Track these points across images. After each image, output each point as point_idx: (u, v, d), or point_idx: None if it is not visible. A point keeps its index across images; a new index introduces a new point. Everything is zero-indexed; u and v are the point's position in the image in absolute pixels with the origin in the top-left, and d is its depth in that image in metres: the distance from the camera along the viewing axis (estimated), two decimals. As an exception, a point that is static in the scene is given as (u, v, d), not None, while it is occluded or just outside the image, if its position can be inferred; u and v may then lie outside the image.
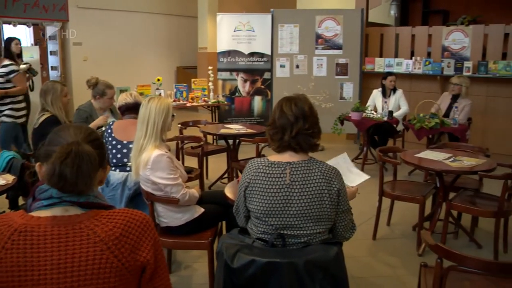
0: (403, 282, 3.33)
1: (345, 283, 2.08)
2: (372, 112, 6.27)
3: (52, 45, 9.87)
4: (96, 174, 1.39)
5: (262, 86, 7.95)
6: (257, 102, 8.01)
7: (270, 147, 2.29)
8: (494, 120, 6.96)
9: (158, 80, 7.24)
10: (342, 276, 2.07)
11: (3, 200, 3.74)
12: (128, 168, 3.42)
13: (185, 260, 3.61)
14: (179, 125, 5.54)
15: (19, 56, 6.63)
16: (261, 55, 7.83)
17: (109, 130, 3.61)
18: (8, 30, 8.88)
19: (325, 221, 2.14)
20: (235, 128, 5.35)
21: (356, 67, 7.81)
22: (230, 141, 5.26)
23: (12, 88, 5.46)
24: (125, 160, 3.48)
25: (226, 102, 7.76)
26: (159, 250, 1.43)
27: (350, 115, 6.21)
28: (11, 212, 1.61)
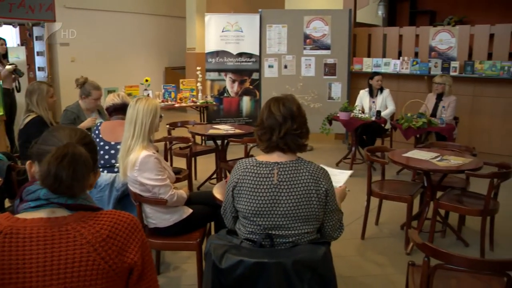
0: (392, 281, 3.35)
1: (333, 283, 2.09)
2: (360, 112, 6.31)
3: (39, 46, 9.77)
4: (89, 177, 1.38)
5: (251, 87, 7.96)
6: (246, 102, 8.00)
7: (259, 148, 2.29)
8: (480, 119, 7.03)
9: (146, 80, 7.20)
10: (330, 276, 2.07)
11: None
12: (116, 169, 3.40)
13: (174, 261, 3.60)
14: (168, 126, 5.53)
15: (4, 56, 6.57)
16: (250, 55, 7.83)
17: (96, 131, 3.58)
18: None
19: (313, 221, 2.15)
20: (224, 128, 5.35)
21: (344, 67, 7.83)
22: (219, 142, 5.26)
23: None
24: (112, 161, 3.46)
25: (214, 103, 7.75)
26: (146, 252, 1.42)
27: (338, 115, 6.23)
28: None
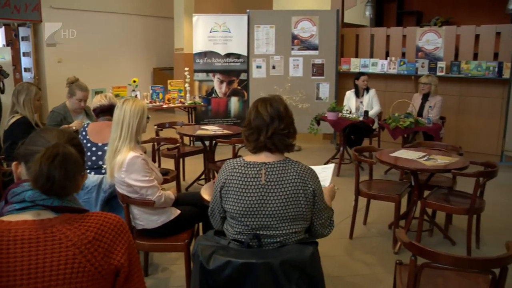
0: (380, 280, 3.37)
1: (321, 283, 2.09)
2: (348, 112, 6.33)
3: (25, 46, 9.68)
4: (80, 177, 1.37)
5: (239, 87, 7.96)
6: (234, 103, 8.00)
7: (246, 148, 2.29)
8: (466, 119, 7.09)
9: (134, 81, 7.16)
10: (318, 276, 2.08)
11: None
12: (103, 171, 3.38)
13: (162, 263, 3.59)
14: (155, 127, 5.50)
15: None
16: (238, 56, 7.83)
17: (83, 133, 3.55)
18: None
19: (301, 221, 2.15)
20: (212, 129, 5.34)
21: (332, 68, 7.86)
22: (207, 143, 5.25)
23: None
24: (100, 162, 3.43)
25: (202, 103, 7.74)
26: (133, 254, 1.41)
27: (326, 115, 6.24)
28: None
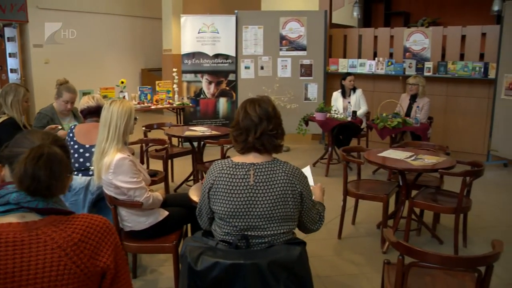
0: (368, 279, 3.38)
1: (309, 283, 2.10)
2: (337, 112, 6.35)
3: (11, 47, 9.58)
4: (67, 178, 1.37)
5: (227, 88, 7.95)
6: (222, 103, 7.99)
7: (235, 149, 2.28)
8: (453, 118, 7.15)
9: (122, 82, 7.13)
10: (306, 276, 2.09)
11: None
12: (90, 172, 3.35)
13: (150, 264, 3.57)
14: (144, 128, 5.48)
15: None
16: (226, 56, 7.82)
17: (70, 134, 3.52)
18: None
19: (289, 222, 2.15)
20: (200, 130, 5.32)
21: (320, 68, 7.89)
22: (195, 143, 5.24)
23: None
24: (87, 164, 3.41)
25: (191, 104, 7.71)
26: (120, 255, 1.41)
27: (314, 116, 6.26)
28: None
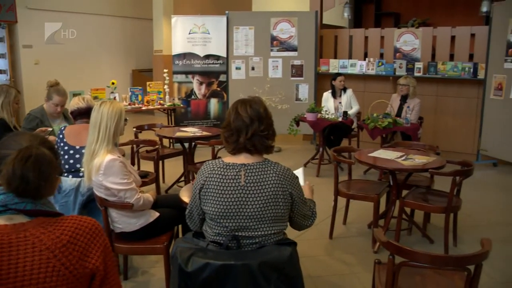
0: (359, 279, 3.39)
1: (300, 283, 2.10)
2: (327, 112, 6.36)
3: (0, 48, 9.49)
4: (55, 178, 1.36)
5: (218, 89, 7.94)
6: (213, 104, 7.99)
7: (226, 149, 2.28)
8: (443, 119, 7.19)
9: (113, 83, 7.10)
10: (297, 276, 2.09)
11: None
12: (81, 174, 3.33)
13: (142, 266, 3.56)
14: (134, 129, 5.46)
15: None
16: (217, 57, 7.81)
17: (60, 135, 3.51)
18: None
19: (279, 222, 2.16)
20: (191, 131, 5.31)
21: (311, 69, 7.90)
22: (186, 144, 5.23)
23: None
24: (77, 165, 3.39)
25: (182, 105, 7.71)
26: (109, 257, 1.40)
27: (305, 116, 6.26)
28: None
